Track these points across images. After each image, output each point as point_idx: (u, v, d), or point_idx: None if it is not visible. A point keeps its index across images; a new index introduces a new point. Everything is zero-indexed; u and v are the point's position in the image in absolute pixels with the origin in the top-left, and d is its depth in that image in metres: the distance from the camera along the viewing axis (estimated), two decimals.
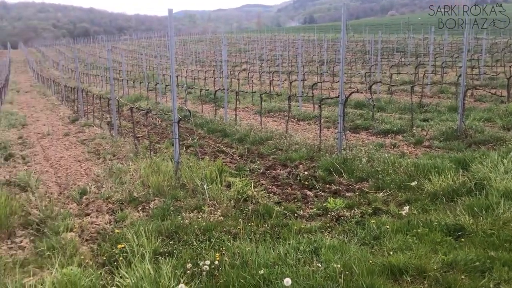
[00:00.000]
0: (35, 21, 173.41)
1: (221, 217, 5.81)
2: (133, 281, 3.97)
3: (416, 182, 6.56)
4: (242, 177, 7.44)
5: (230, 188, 6.81)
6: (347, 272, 4.12)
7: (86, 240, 5.52)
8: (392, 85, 18.74)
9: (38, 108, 22.73)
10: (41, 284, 4.06)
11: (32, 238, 5.61)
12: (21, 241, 5.54)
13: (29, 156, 11.05)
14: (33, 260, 4.88)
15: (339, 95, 8.53)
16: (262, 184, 7.38)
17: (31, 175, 8.49)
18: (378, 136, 11.00)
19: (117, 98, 13.16)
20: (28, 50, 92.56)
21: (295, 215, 5.96)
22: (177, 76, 22.49)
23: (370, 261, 4.34)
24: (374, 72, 23.18)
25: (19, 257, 4.99)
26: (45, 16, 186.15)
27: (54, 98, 27.26)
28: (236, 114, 13.87)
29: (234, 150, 10.25)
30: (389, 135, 10.90)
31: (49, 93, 30.68)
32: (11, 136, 13.92)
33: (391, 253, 4.52)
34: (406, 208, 5.80)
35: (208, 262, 4.26)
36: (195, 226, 5.39)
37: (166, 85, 23.40)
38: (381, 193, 6.51)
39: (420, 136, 10.21)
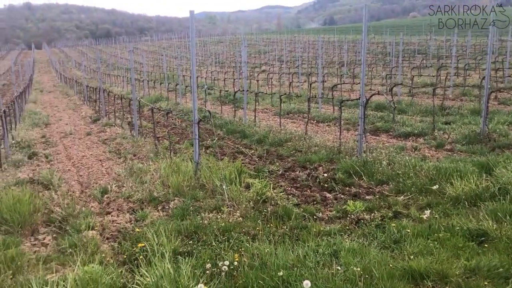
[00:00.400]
0: (58, 22, 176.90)
1: (240, 218, 5.82)
2: (153, 280, 4.00)
3: (437, 186, 6.46)
4: (261, 179, 7.44)
5: (249, 189, 6.81)
6: (367, 276, 4.08)
7: (107, 238, 5.60)
8: (414, 87, 18.51)
9: (61, 108, 23.15)
10: (64, 281, 4.12)
11: (54, 235, 5.73)
12: (44, 238, 5.65)
13: (52, 154, 11.26)
14: (56, 257, 4.97)
15: (359, 97, 8.47)
16: (281, 186, 7.37)
17: (54, 173, 8.65)
18: (399, 138, 10.88)
19: (138, 99, 13.32)
20: (52, 50, 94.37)
21: (314, 217, 5.93)
22: (196, 77, 22.63)
23: (391, 265, 4.29)
24: (395, 74, 22.93)
25: (42, 253, 5.09)
26: (68, 17, 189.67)
27: (76, 98, 27.72)
28: (255, 115, 13.88)
29: (253, 151, 10.27)
30: (410, 138, 10.77)
31: (71, 93, 31.21)
32: (35, 135, 14.21)
33: (412, 257, 4.47)
34: (427, 212, 5.72)
35: (227, 262, 4.27)
36: (214, 227, 5.42)
37: (186, 86, 23.57)
38: (402, 197, 6.44)
39: (442, 139, 10.06)
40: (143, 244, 4.89)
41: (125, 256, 4.90)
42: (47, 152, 11.52)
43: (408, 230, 5.06)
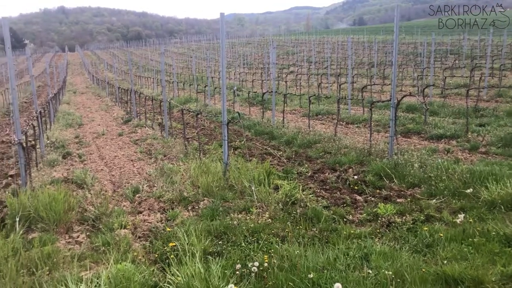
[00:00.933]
0: (90, 25, 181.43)
1: (269, 220, 5.83)
2: (184, 280, 4.04)
3: (471, 190, 6.31)
4: (290, 180, 7.44)
5: (278, 191, 6.82)
6: (398, 280, 4.02)
7: (139, 237, 5.70)
8: (446, 89, 18.12)
9: (93, 109, 23.68)
10: (97, 278, 4.22)
11: (88, 233, 5.87)
12: (78, 236, 5.79)
13: (85, 154, 11.53)
14: (89, 255, 5.09)
15: (390, 98, 8.36)
16: (310, 188, 7.33)
17: (87, 173, 8.86)
18: (431, 141, 10.66)
19: (168, 100, 13.50)
20: (84, 52, 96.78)
21: (344, 219, 5.88)
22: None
23: (423, 270, 4.21)
24: (426, 75, 22.50)
25: (76, 251, 5.22)
26: (100, 20, 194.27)
27: (108, 99, 28.31)
28: (283, 117, 13.87)
29: (281, 152, 10.25)
30: (442, 140, 10.54)
31: (103, 94, 31.90)
32: (69, 135, 14.58)
33: (445, 262, 4.37)
34: (461, 216, 5.59)
35: (257, 263, 4.28)
36: (243, 227, 5.44)
37: (215, 88, 23.76)
38: (434, 200, 6.31)
39: (475, 141, 9.81)
40: (174, 244, 4.96)
41: (156, 255, 4.97)
42: (80, 152, 11.81)
43: (441, 234, 4.96)
